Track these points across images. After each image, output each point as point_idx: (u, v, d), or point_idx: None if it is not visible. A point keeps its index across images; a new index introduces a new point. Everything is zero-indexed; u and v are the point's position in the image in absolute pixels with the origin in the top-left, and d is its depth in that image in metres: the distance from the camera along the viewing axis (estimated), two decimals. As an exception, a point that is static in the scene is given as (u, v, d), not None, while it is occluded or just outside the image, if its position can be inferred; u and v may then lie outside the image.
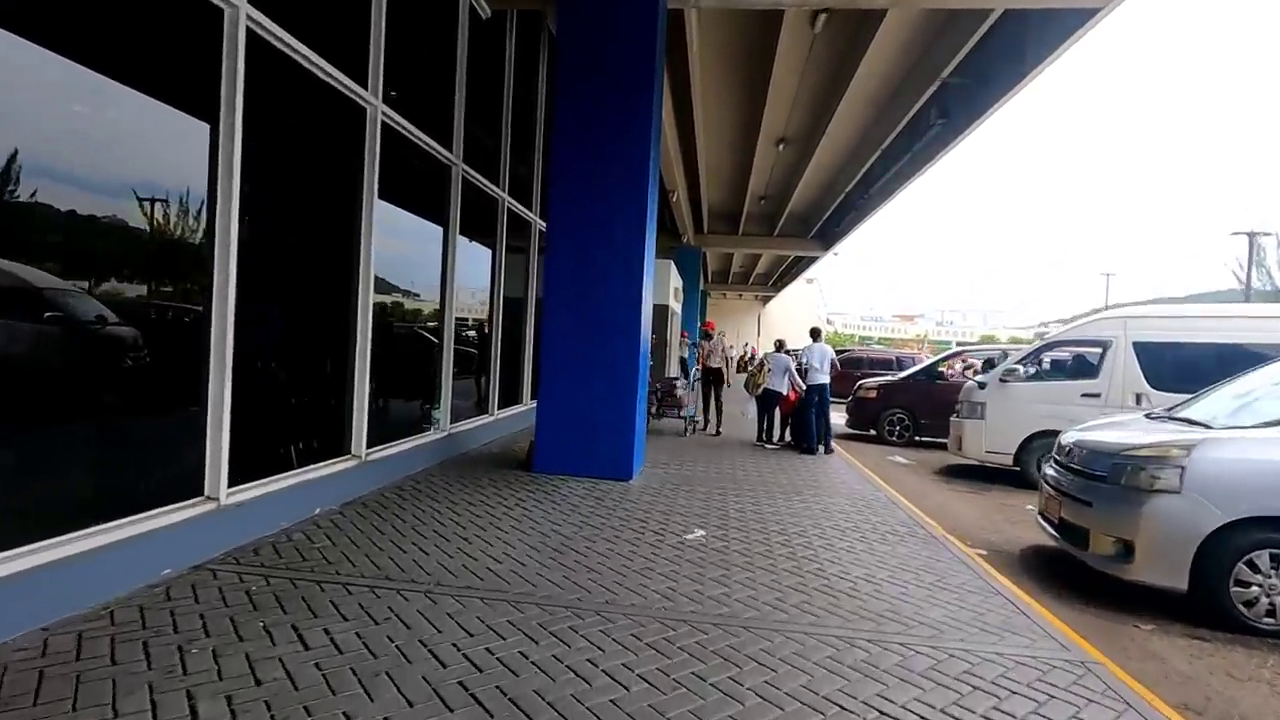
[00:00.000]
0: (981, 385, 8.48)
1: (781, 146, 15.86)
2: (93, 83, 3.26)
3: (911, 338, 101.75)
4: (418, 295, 7.00)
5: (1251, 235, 26.47)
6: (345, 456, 5.38)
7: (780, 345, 10.02)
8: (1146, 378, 7.62)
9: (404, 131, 5.95)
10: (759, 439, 9.76)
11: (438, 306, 7.14)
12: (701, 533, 4.89)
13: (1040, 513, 5.25)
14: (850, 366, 16.73)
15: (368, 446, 5.58)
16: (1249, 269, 26.59)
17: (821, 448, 9.23)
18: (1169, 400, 7.48)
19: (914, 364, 18.57)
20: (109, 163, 3.42)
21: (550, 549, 4.33)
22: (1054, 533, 4.95)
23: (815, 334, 9.58)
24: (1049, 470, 5.28)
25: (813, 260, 29.70)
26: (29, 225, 3.04)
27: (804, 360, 9.25)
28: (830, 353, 9.27)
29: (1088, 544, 4.43)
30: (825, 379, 9.18)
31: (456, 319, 7.64)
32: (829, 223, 22.92)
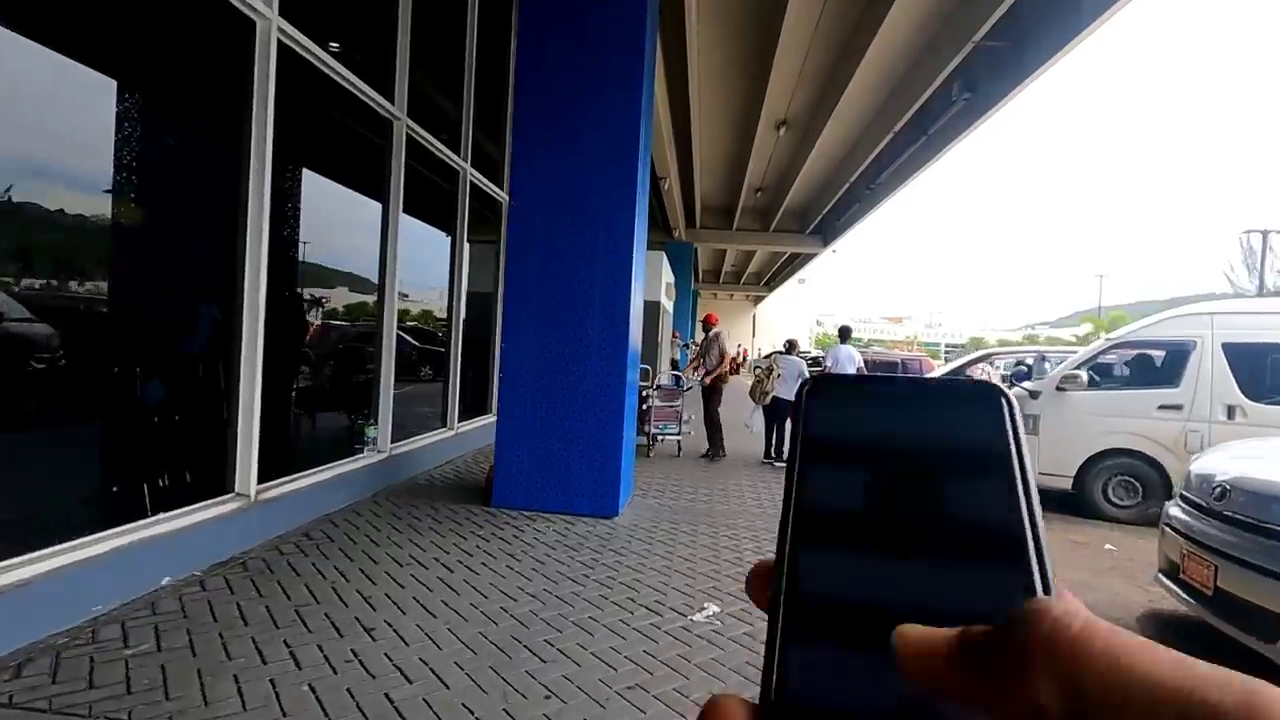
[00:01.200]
0: (1033, 394, 7.14)
1: (783, 130, 14.55)
2: None
3: (901, 339, 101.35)
4: (346, 285, 5.57)
5: (1265, 233, 25.47)
6: (225, 496, 3.94)
7: (792, 346, 8.64)
8: (1240, 386, 6.32)
9: (316, 63, 4.51)
10: (766, 456, 8.38)
11: (375, 299, 5.70)
12: (715, 609, 3.49)
13: (1171, 574, 3.88)
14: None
15: (261, 480, 4.15)
16: (1261, 268, 25.58)
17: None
18: (1270, 414, 6.19)
19: (920, 368, 17.35)
20: None
21: (493, 646, 2.92)
22: (1197, 603, 3.59)
23: (844, 333, 8.20)
24: (1178, 514, 3.92)
25: (810, 258, 28.43)
26: None
27: (827, 364, 7.88)
28: (858, 357, 7.91)
29: (1276, 634, 3.07)
30: (848, 387, 7.80)
31: (401, 314, 6.23)
32: (829, 217, 21.64)
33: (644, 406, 7.63)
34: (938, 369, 16.97)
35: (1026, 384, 7.39)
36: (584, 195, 5.19)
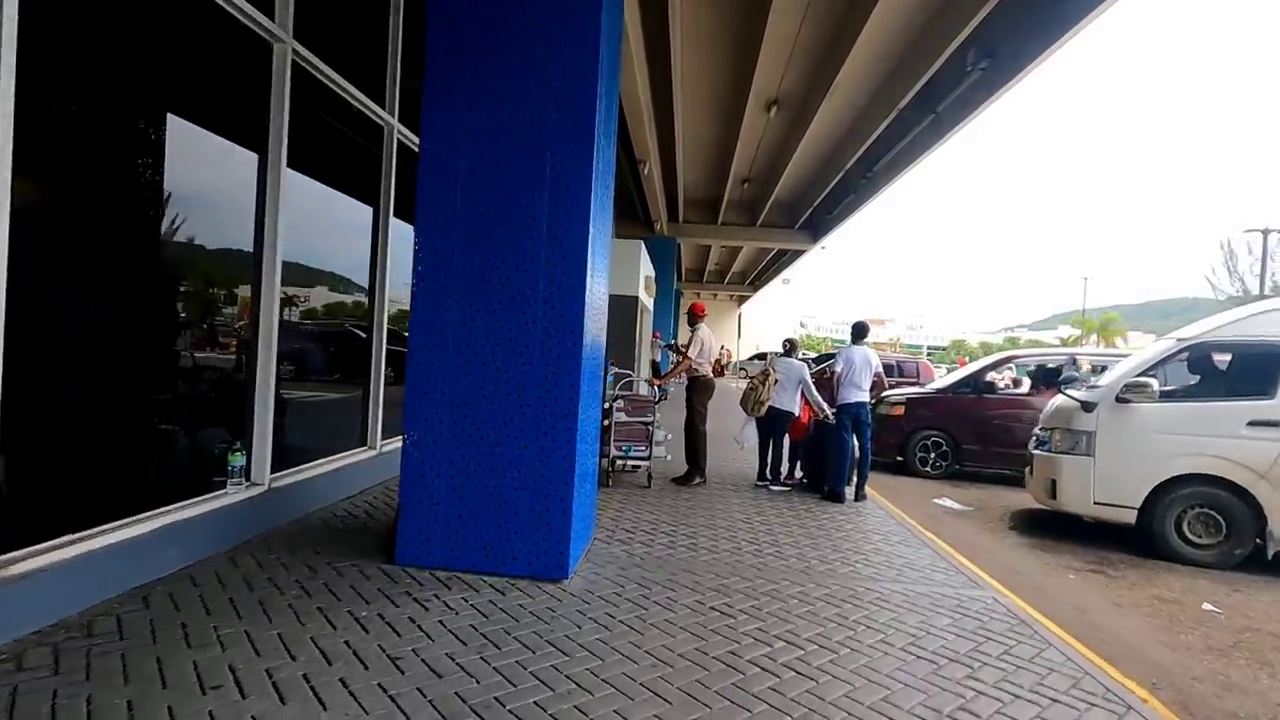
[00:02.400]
0: (1086, 406, 5.85)
1: (773, 111, 13.25)
2: None
3: (885, 342, 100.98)
4: (202, 261, 4.11)
5: (1265, 232, 24.65)
6: (-65, 578, 2.50)
7: (791, 347, 7.30)
8: (1356, 398, 5.08)
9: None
10: (760, 478, 7.03)
11: (249, 281, 4.27)
12: (703, 781, 2.10)
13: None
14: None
15: (17, 544, 2.71)
16: (1262, 269, 24.74)
17: (852, 490, 6.54)
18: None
19: (918, 372, 16.08)
20: None
21: None
22: None
23: (859, 331, 6.80)
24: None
25: (797, 255, 27.23)
26: None
27: (839, 368, 6.53)
28: (875, 360, 6.57)
29: None
30: (864, 395, 6.47)
31: (296, 302, 4.83)
32: (820, 210, 20.42)
33: (605, 422, 6.21)
34: (938, 376, 15.77)
35: (1075, 393, 6.11)
36: (523, 141, 3.80)
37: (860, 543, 5.06)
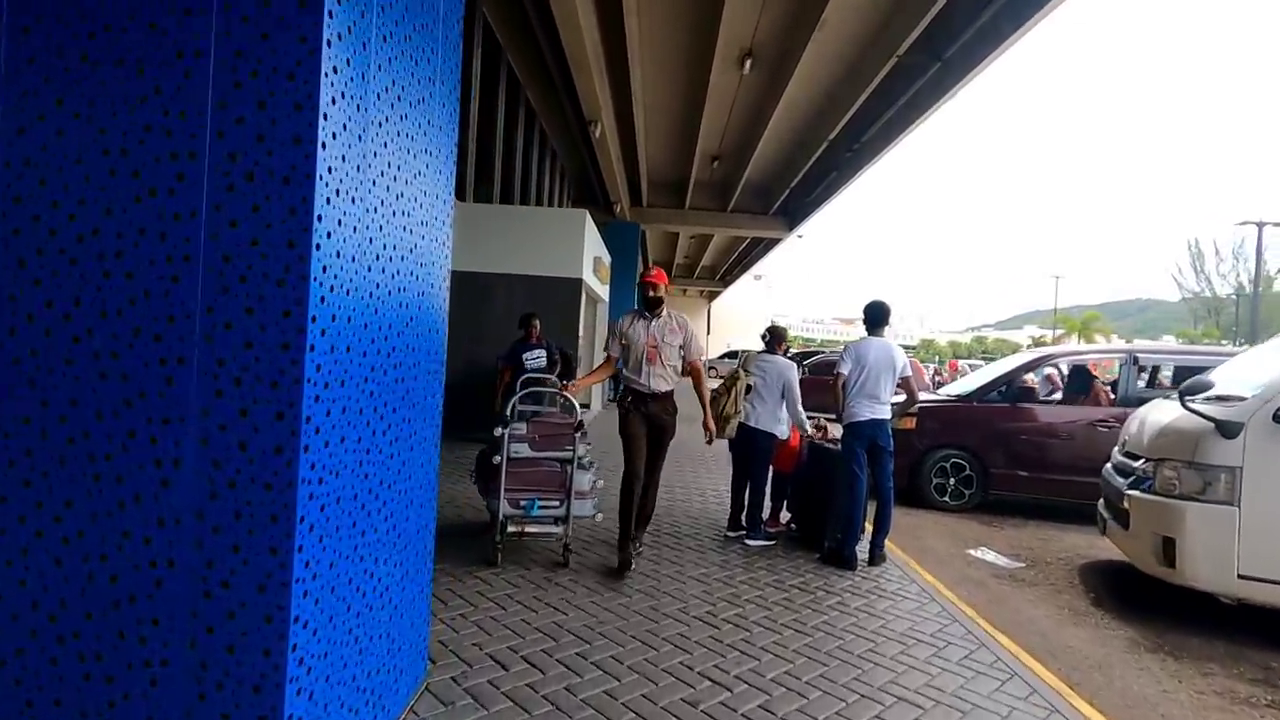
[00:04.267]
0: (1225, 429, 3.84)
1: (747, 65, 11.16)
2: None
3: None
4: None
5: (1260, 225, 23.39)
6: None
7: (776, 339, 5.17)
8: None
9: None
10: (734, 526, 4.91)
11: None
12: None
13: None
14: (824, 373, 12.21)
15: None
16: (1257, 263, 23.50)
17: (868, 548, 4.48)
18: None
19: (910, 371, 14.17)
20: None
21: None
22: None
23: (875, 316, 4.56)
24: None
25: (772, 245, 25.35)
26: None
27: (846, 369, 4.43)
28: (901, 359, 4.51)
29: None
30: (884, 410, 4.40)
31: None
32: (797, 192, 18.46)
33: (495, 459, 3.95)
34: (927, 375, 13.90)
35: (1210, 409, 4.08)
36: None
37: (896, 659, 2.97)
